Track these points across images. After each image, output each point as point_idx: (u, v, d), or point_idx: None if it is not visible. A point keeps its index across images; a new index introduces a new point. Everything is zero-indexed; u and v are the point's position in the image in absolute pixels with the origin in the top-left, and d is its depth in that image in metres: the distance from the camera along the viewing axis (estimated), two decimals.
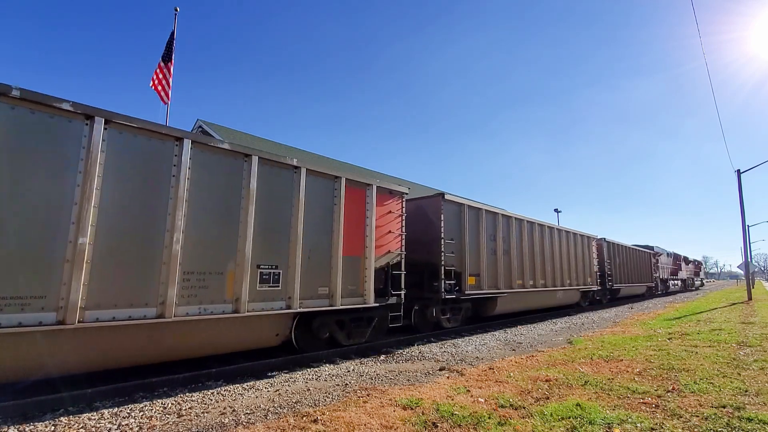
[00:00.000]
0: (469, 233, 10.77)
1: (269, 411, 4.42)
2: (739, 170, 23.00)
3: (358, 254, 7.73)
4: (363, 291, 7.72)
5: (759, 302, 20.77)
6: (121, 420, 4.20)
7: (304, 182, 6.90)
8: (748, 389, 4.94)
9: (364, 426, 3.84)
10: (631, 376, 5.67)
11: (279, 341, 6.73)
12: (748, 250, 23.14)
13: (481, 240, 11.20)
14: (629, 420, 3.93)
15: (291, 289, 6.53)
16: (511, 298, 12.22)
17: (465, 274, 10.37)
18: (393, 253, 8.48)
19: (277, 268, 6.46)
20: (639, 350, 7.54)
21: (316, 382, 5.69)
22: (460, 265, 10.31)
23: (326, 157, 24.62)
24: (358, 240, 7.76)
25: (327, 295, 7.12)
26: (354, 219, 7.71)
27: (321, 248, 7.12)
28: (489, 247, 11.52)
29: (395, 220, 8.70)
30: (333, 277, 7.18)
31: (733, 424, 3.83)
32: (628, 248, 23.61)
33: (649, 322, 12.66)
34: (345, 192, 7.55)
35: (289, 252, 6.62)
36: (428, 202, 10.37)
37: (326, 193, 7.37)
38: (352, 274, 7.55)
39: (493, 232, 11.86)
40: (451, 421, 3.93)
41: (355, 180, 7.86)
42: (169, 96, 12.21)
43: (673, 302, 23.01)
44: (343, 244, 7.37)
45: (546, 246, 14.44)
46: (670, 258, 35.79)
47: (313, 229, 7.00)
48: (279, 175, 6.67)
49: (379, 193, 8.31)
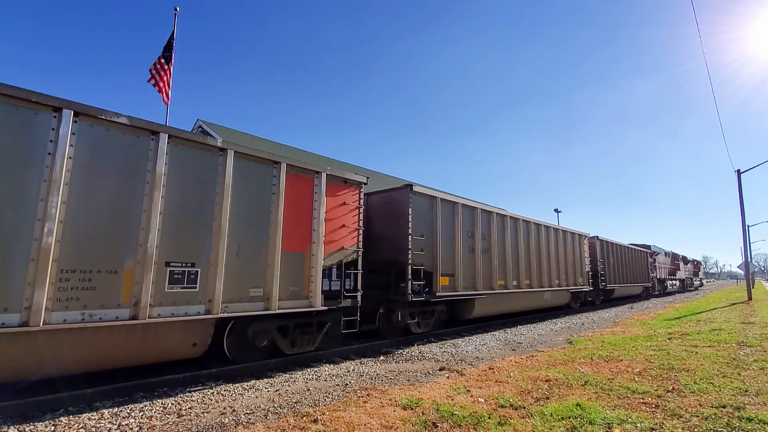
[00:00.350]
0: (443, 229, 9.83)
1: (269, 411, 4.42)
2: (739, 170, 23.01)
3: (302, 250, 6.85)
4: (308, 293, 6.84)
5: (759, 302, 20.77)
6: (121, 420, 4.20)
7: (232, 166, 6.03)
8: (748, 389, 4.94)
9: (364, 426, 3.84)
10: (631, 376, 5.67)
11: (199, 352, 5.71)
12: (748, 250, 23.15)
13: (457, 237, 10.23)
14: (629, 420, 3.93)
15: (212, 291, 5.61)
16: (491, 300, 11.25)
17: (437, 273, 9.42)
18: (347, 250, 7.60)
19: (194, 265, 5.53)
20: (639, 350, 7.54)
21: (316, 382, 5.70)
22: (431, 264, 9.36)
23: (326, 157, 24.62)
24: (303, 234, 6.90)
25: (261, 298, 6.21)
26: (298, 210, 6.86)
27: (254, 243, 6.22)
28: (466, 244, 10.58)
29: (351, 212, 7.80)
30: (269, 277, 6.28)
31: (733, 424, 3.83)
32: (623, 247, 22.86)
33: (649, 322, 12.66)
34: (286, 180, 6.67)
35: (211, 247, 5.71)
36: (395, 194, 9.43)
37: (263, 181, 6.47)
38: (294, 273, 6.67)
39: (471, 228, 10.88)
40: (451, 421, 3.93)
41: (299, 166, 6.96)
42: (169, 96, 12.21)
43: (673, 302, 23.00)
44: (284, 239, 6.52)
45: (532, 244, 13.59)
46: (668, 257, 35.00)
47: (245, 221, 6.13)
48: (198, 158, 5.77)
49: (331, 181, 7.42)
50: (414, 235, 8.94)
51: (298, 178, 6.95)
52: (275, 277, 6.33)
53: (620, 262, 21.95)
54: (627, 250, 23.42)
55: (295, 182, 6.90)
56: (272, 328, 6.67)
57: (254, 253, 6.22)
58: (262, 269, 6.30)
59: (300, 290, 6.78)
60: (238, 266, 6.00)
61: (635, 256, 24.79)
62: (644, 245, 28.81)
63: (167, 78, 12.18)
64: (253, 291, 6.15)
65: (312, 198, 7.16)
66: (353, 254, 7.77)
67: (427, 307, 9.75)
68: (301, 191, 7.00)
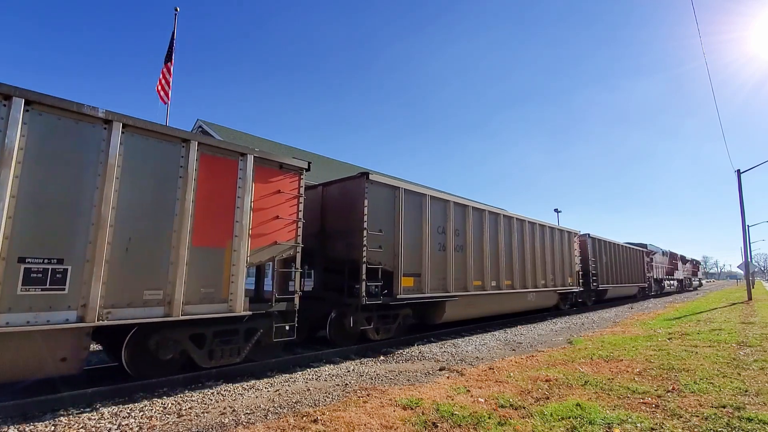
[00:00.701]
0: (407, 224, 8.81)
1: (269, 411, 4.42)
2: (739, 170, 23.02)
3: (220, 245, 5.87)
4: (228, 295, 5.82)
5: (759, 302, 20.78)
6: (121, 420, 4.20)
7: (120, 142, 5.00)
8: (748, 389, 4.94)
9: (364, 426, 3.85)
10: (631, 376, 5.67)
11: (74, 368, 4.64)
12: (748, 250, 23.15)
13: (425, 233, 9.24)
14: (629, 420, 3.93)
15: (88, 294, 4.61)
16: (466, 303, 10.27)
17: (398, 273, 8.41)
18: (282, 245, 6.59)
19: (61, 262, 4.51)
20: (639, 350, 7.54)
21: (316, 382, 5.70)
22: (392, 262, 8.36)
23: (327, 157, 24.63)
24: (223, 227, 5.93)
25: (160, 302, 5.16)
26: (216, 198, 5.89)
27: (152, 236, 5.19)
28: (436, 241, 9.58)
29: (287, 202, 6.77)
30: (172, 277, 5.25)
31: (733, 424, 3.83)
32: (617, 245, 21.91)
33: (649, 322, 12.66)
34: (200, 162, 5.73)
35: (88, 240, 4.69)
36: (350, 184, 8.43)
37: (166, 162, 5.43)
38: (209, 272, 5.68)
39: (443, 223, 9.86)
40: (451, 421, 3.93)
41: (218, 146, 6.02)
42: (169, 96, 12.22)
43: (672, 302, 23.00)
44: (195, 232, 5.57)
45: (515, 241, 12.61)
46: (665, 257, 34.10)
47: (139, 209, 5.13)
48: (72, 131, 4.73)
49: (261, 166, 6.45)
50: (370, 230, 7.91)
51: (216, 160, 5.94)
52: (180, 277, 5.30)
53: (614, 261, 21.12)
54: (621, 249, 22.62)
55: (213, 165, 5.90)
56: (183, 338, 5.67)
57: (152, 248, 5.18)
58: (162, 267, 5.24)
59: (216, 292, 5.73)
60: (128, 264, 4.98)
61: (630, 256, 24.03)
62: (641, 244, 28.06)
63: (167, 78, 12.19)
64: (149, 293, 5.10)
65: (235, 184, 6.12)
66: (290, 250, 6.73)
67: (388, 311, 8.69)
68: (221, 176, 5.99)
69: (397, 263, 8.49)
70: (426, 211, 9.42)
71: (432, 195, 9.79)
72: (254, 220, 6.30)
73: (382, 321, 8.67)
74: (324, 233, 8.79)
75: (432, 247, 9.45)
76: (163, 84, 12.11)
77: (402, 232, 8.67)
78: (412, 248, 8.92)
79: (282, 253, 6.66)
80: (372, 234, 7.97)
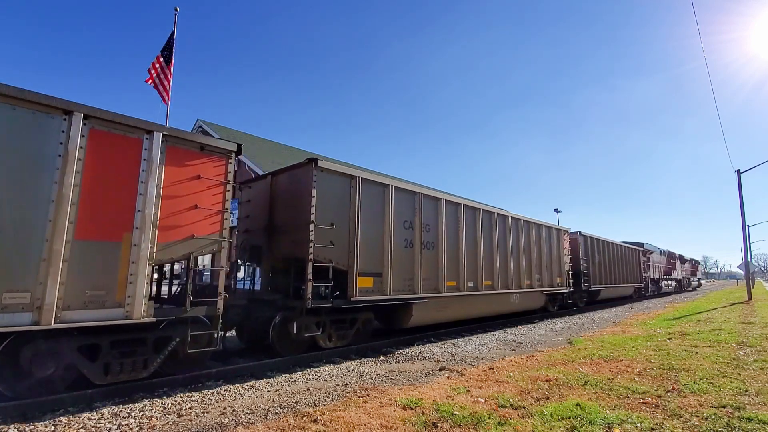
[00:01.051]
0: (365, 217, 7.91)
1: (269, 411, 4.42)
2: (739, 170, 23.02)
3: (113, 238, 4.92)
4: (125, 298, 4.90)
5: (759, 302, 20.78)
6: (121, 420, 4.20)
7: None
8: (748, 389, 4.94)
9: (364, 426, 3.85)
10: (631, 376, 5.67)
11: None
12: (748, 250, 23.16)
13: (388, 227, 8.33)
14: (629, 420, 3.93)
15: None
16: (438, 305, 9.43)
17: (353, 273, 7.53)
18: (202, 240, 5.68)
19: None
20: (639, 350, 7.54)
21: (316, 382, 5.70)
22: (345, 260, 7.48)
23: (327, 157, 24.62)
24: (118, 216, 4.98)
25: (27, 306, 4.28)
26: (110, 182, 4.96)
27: (18, 227, 4.32)
28: (401, 237, 8.67)
29: (210, 190, 5.85)
30: (44, 275, 4.37)
31: (733, 424, 3.83)
32: (611, 244, 20.99)
33: (649, 322, 12.66)
34: (89, 138, 4.84)
35: None
36: (298, 172, 7.61)
37: (40, 137, 4.52)
38: (98, 270, 4.76)
39: (410, 217, 8.99)
40: (451, 421, 3.94)
41: (113, 121, 5.01)
42: (169, 96, 12.22)
43: (672, 302, 23.01)
44: (79, 222, 4.67)
45: (496, 239, 11.69)
46: (663, 256, 33.19)
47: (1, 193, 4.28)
48: None
49: (174, 146, 5.52)
50: (319, 224, 7.04)
51: (112, 138, 5.04)
52: (56, 276, 4.43)
53: (608, 260, 20.27)
54: (616, 248, 21.73)
55: (107, 143, 4.99)
56: (68, 349, 4.78)
57: (17, 242, 4.30)
58: (30, 265, 4.35)
59: (108, 295, 4.80)
60: None
61: (626, 255, 23.16)
62: (637, 243, 27.25)
63: (167, 78, 12.19)
64: (11, 297, 4.21)
65: (138, 166, 5.19)
66: (213, 246, 5.79)
67: (343, 315, 7.79)
68: (118, 156, 5.07)
69: (353, 261, 7.58)
70: (389, 204, 8.47)
71: (396, 185, 8.81)
72: (163, 209, 5.36)
73: (337, 326, 7.78)
74: (272, 228, 7.99)
75: (396, 244, 8.52)
76: (163, 84, 12.11)
77: (359, 227, 7.74)
78: (371, 245, 8.00)
79: (202, 249, 5.69)
80: (321, 228, 7.08)
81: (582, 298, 18.03)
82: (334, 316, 7.62)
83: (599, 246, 19.44)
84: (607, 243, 20.49)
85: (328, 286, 7.07)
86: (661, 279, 31.61)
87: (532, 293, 13.40)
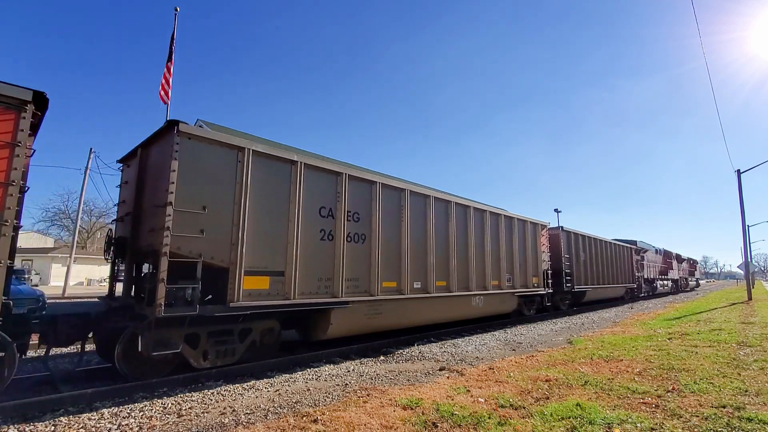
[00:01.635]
0: (259, 201, 6.33)
1: (269, 411, 4.42)
2: (739, 170, 23.03)
3: None
4: None
5: (759, 302, 20.79)
6: (121, 420, 4.20)
7: None
8: (748, 389, 4.94)
9: (364, 426, 3.85)
10: (631, 376, 5.67)
11: None
12: (748, 250, 23.17)
13: (295, 215, 6.71)
14: (629, 420, 3.93)
15: None
16: (369, 311, 7.83)
17: (237, 271, 5.93)
18: None
19: None
20: (639, 350, 7.54)
21: (316, 382, 5.70)
22: (226, 255, 5.89)
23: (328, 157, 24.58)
24: None
25: None
26: None
27: None
28: (316, 227, 7.07)
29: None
30: None
31: (733, 424, 3.83)
32: (599, 241, 19.40)
33: (649, 322, 12.66)
34: None
35: None
36: (162, 142, 6.11)
37: None
38: None
39: (331, 203, 7.36)
40: (451, 421, 3.93)
41: None
42: (169, 96, 12.23)
43: (673, 302, 23.01)
44: None
45: (453, 232, 10.08)
46: (659, 255, 31.78)
47: None
48: None
49: None
50: (181, 207, 5.49)
51: None
52: None
53: (595, 259, 18.78)
54: (605, 246, 20.17)
55: None
56: None
57: None
58: None
59: None
60: None
61: (616, 253, 21.68)
62: (630, 241, 25.83)
63: (167, 78, 12.19)
64: None
65: None
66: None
67: (229, 324, 6.14)
68: None
69: (237, 256, 5.96)
70: (297, 185, 6.84)
71: (308, 163, 7.10)
72: None
73: (217, 341, 6.07)
74: (137, 214, 6.57)
75: (308, 236, 6.94)
76: (163, 84, 12.12)
77: (247, 212, 6.16)
78: (268, 236, 6.42)
79: None
80: (184, 212, 5.53)
81: (564, 300, 16.56)
82: (212, 327, 5.97)
83: (585, 243, 17.99)
84: (594, 240, 18.98)
85: (194, 288, 5.46)
86: (656, 279, 30.24)
87: (500, 295, 11.76)
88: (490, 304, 11.38)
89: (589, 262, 18.17)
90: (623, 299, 23.27)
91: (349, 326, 7.58)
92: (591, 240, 18.66)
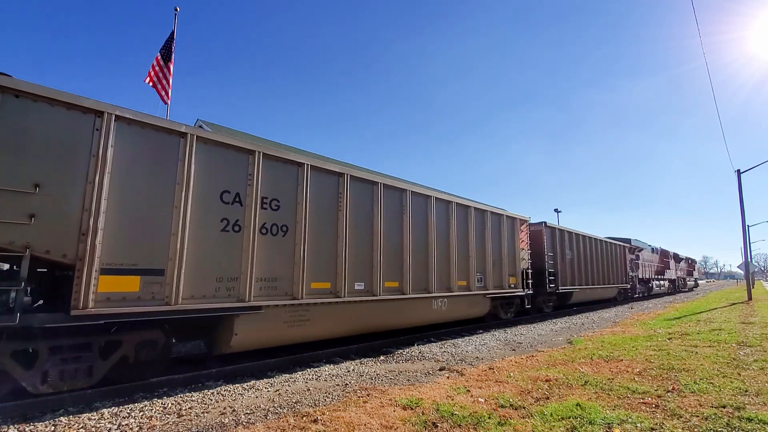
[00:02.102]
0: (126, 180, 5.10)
1: (269, 411, 4.42)
2: (739, 170, 23.03)
3: None
4: None
5: (759, 302, 20.78)
6: (121, 420, 4.20)
7: None
8: (748, 389, 4.94)
9: (364, 426, 3.85)
10: (631, 376, 5.67)
11: None
12: (748, 250, 23.17)
13: (182, 199, 5.49)
14: (629, 420, 3.93)
15: None
16: (291, 317, 6.59)
17: (87, 268, 4.64)
18: None
19: None
20: (639, 350, 7.54)
21: (316, 382, 5.70)
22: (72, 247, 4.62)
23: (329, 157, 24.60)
24: None
25: None
26: None
27: None
28: (216, 215, 5.86)
29: None
30: None
31: (733, 424, 3.83)
32: (587, 238, 18.17)
33: (649, 322, 12.66)
34: None
35: None
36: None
37: None
38: None
39: (238, 187, 6.14)
40: (451, 421, 3.93)
41: None
42: (169, 96, 12.22)
43: (673, 302, 23.01)
44: None
45: (409, 225, 8.88)
46: (655, 254, 30.63)
47: None
48: None
49: None
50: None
51: None
52: None
53: (584, 258, 17.58)
54: (595, 244, 18.92)
55: None
56: None
57: None
58: None
59: None
60: None
61: (608, 252, 20.49)
62: (624, 239, 24.70)
63: (167, 78, 12.19)
64: None
65: None
66: None
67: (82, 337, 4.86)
68: None
69: (88, 249, 4.68)
70: (186, 164, 5.59)
71: (201, 135, 5.82)
72: None
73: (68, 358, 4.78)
74: None
75: (201, 225, 5.70)
76: (162, 84, 12.11)
77: (106, 193, 4.91)
78: (142, 223, 5.18)
79: None
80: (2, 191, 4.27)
81: (548, 302, 15.39)
82: (56, 341, 4.67)
83: (571, 240, 16.66)
84: (582, 237, 17.65)
85: (17, 291, 4.20)
86: (651, 279, 29.00)
87: (469, 297, 10.49)
88: (455, 308, 10.09)
89: (577, 261, 16.94)
90: (616, 300, 22.31)
91: (262, 337, 6.30)
92: (579, 237, 17.41)
